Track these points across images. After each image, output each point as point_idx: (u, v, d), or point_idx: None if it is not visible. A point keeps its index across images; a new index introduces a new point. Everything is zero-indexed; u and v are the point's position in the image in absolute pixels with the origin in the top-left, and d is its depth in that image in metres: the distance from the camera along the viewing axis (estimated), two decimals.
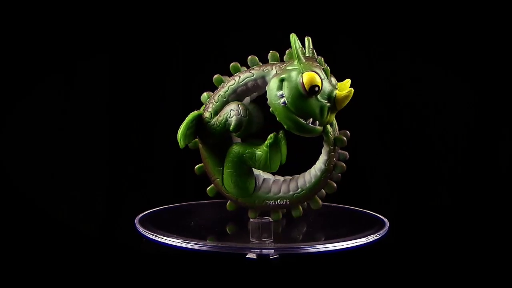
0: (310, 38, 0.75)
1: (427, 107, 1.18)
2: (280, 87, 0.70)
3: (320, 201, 0.78)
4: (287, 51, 0.75)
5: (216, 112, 0.75)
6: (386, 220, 0.79)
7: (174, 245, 0.70)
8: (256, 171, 0.78)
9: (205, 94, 0.78)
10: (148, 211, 0.85)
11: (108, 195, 1.20)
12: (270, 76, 0.73)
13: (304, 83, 0.69)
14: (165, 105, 1.20)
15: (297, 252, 0.68)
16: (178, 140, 0.74)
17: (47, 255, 1.14)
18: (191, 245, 0.69)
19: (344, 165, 0.77)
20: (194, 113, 0.75)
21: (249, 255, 0.71)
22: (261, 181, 0.78)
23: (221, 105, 0.75)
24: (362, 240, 0.70)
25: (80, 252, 1.15)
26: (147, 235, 0.73)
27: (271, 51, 0.76)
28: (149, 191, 1.20)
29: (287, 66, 0.72)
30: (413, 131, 1.18)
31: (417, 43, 1.16)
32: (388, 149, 1.19)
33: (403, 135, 1.18)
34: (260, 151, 0.74)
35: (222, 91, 0.76)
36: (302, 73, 0.69)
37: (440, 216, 1.17)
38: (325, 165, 0.76)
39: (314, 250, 0.68)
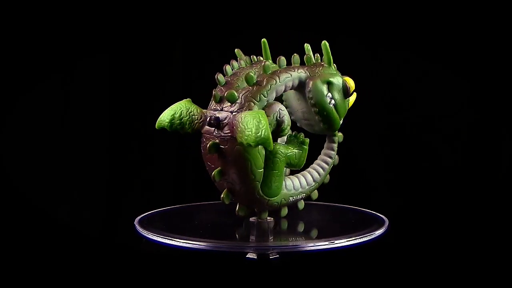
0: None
1: (427, 106, 1.18)
2: (327, 89, 0.76)
3: (317, 191, 0.82)
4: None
5: None
6: (385, 218, 0.79)
7: (174, 245, 0.70)
8: None
9: (233, 91, 0.71)
10: (148, 213, 0.84)
11: (108, 196, 1.20)
12: (304, 78, 0.75)
13: (349, 87, 0.78)
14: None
15: (297, 251, 0.68)
16: (267, 142, 0.67)
17: (47, 255, 1.14)
18: (191, 245, 0.69)
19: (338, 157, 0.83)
20: (262, 111, 0.69)
21: (249, 255, 0.71)
22: None
23: (263, 105, 0.72)
24: (362, 239, 0.70)
25: (80, 252, 1.15)
26: (147, 235, 0.73)
27: (295, 54, 0.77)
28: (149, 192, 1.20)
29: (323, 70, 0.77)
30: (413, 130, 1.18)
31: (417, 43, 1.16)
32: (388, 148, 1.19)
33: (402, 134, 1.18)
34: (301, 150, 0.76)
35: (263, 90, 0.72)
36: (342, 77, 0.77)
37: (439, 214, 1.17)
38: (332, 158, 0.81)
39: (313, 249, 0.67)
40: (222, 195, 0.74)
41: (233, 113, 0.71)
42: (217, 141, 0.71)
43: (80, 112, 1.18)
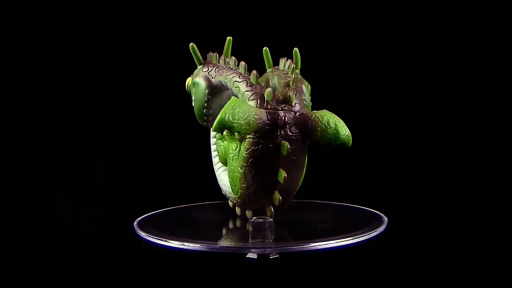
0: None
1: (427, 105, 1.18)
2: None
3: None
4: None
5: None
6: (384, 216, 0.79)
7: (173, 247, 0.69)
8: None
9: (292, 93, 0.72)
10: (147, 214, 0.84)
11: (108, 196, 1.20)
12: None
13: None
14: (166, 107, 1.20)
15: (297, 251, 0.68)
16: (350, 139, 0.71)
17: (47, 255, 1.14)
18: (190, 247, 0.69)
19: None
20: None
21: (249, 255, 0.71)
22: None
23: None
24: (360, 238, 0.70)
25: (80, 252, 1.15)
26: (146, 238, 0.73)
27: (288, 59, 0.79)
28: (149, 192, 1.20)
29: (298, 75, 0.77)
30: (413, 129, 1.18)
31: (417, 43, 1.16)
32: (387, 147, 1.19)
33: (402, 132, 1.18)
34: None
35: (306, 90, 0.76)
36: None
37: (439, 213, 1.17)
38: None
39: (313, 248, 0.67)
40: (278, 196, 0.72)
41: (297, 113, 0.71)
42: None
43: (80, 112, 1.18)
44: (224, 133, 0.78)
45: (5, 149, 1.16)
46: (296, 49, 0.78)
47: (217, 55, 0.80)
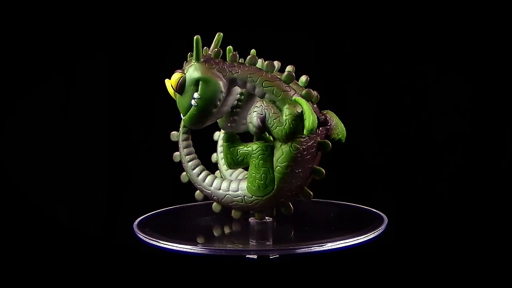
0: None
1: (428, 105, 1.18)
2: None
3: None
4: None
5: None
6: (384, 216, 0.79)
7: (173, 249, 0.69)
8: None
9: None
10: (147, 215, 0.84)
11: (108, 196, 1.20)
12: None
13: None
14: (165, 107, 1.20)
15: (297, 252, 0.68)
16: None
17: (47, 255, 1.14)
18: (189, 249, 0.68)
19: None
20: None
21: (249, 255, 0.71)
22: None
23: None
24: (361, 238, 0.70)
25: (80, 252, 1.15)
26: (146, 240, 0.73)
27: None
28: (149, 192, 1.20)
29: None
30: (412, 128, 1.18)
31: (417, 42, 1.16)
32: (387, 146, 1.19)
33: (402, 132, 1.18)
34: None
35: None
36: None
37: (439, 213, 1.17)
38: None
39: (313, 250, 0.67)
40: (310, 192, 0.73)
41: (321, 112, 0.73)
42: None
43: (80, 112, 1.19)
44: (224, 134, 0.78)
45: (5, 149, 1.16)
46: (253, 50, 0.76)
47: (220, 51, 0.79)
